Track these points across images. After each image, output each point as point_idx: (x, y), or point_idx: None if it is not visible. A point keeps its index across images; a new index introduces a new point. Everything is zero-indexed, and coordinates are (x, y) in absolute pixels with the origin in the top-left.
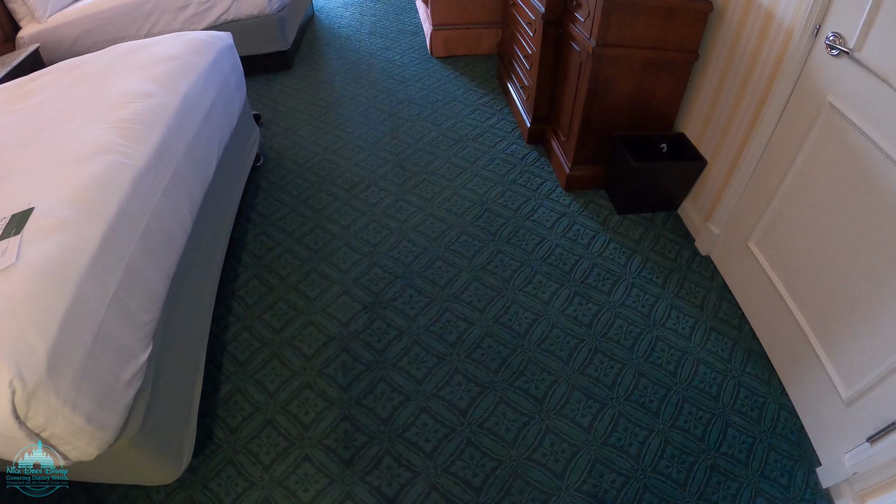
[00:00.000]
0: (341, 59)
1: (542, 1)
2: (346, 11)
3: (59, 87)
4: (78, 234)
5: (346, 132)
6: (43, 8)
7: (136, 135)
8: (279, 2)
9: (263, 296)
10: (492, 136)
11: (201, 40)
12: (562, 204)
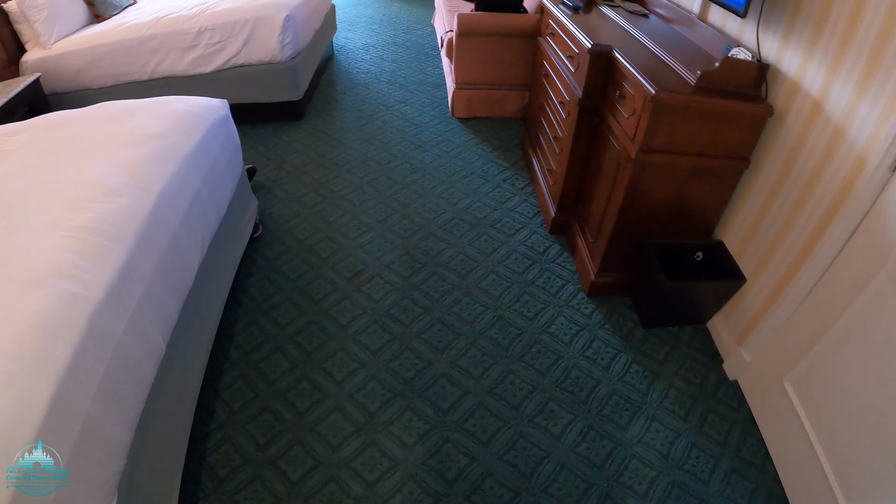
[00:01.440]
0: (356, 112)
1: (579, 82)
2: (367, 54)
3: (32, 155)
4: (21, 399)
5: (353, 204)
6: (48, 33)
7: (97, 252)
8: (292, 49)
9: (249, 402)
10: (512, 221)
11: (190, 114)
12: (583, 313)
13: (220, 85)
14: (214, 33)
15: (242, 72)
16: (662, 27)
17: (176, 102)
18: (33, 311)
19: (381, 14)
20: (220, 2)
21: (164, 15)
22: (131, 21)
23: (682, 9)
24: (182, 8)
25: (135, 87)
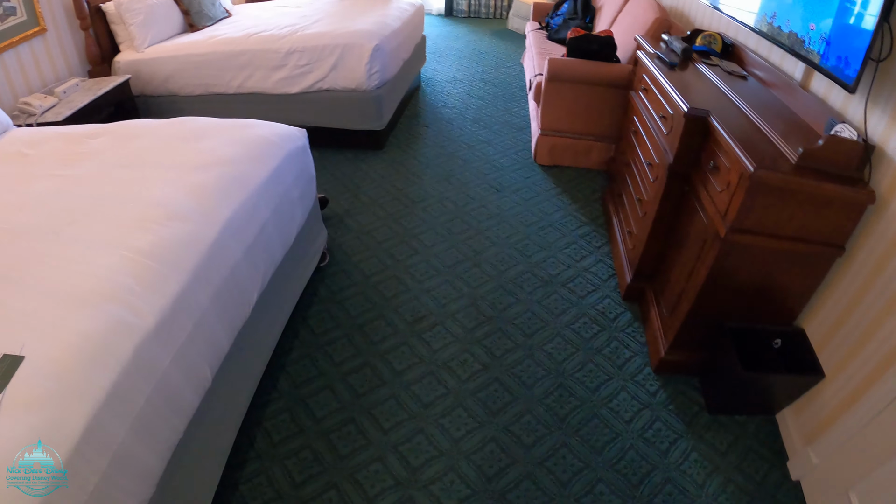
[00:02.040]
0: (437, 148)
1: (671, 146)
2: (454, 88)
3: (105, 162)
4: (57, 422)
5: (425, 245)
6: (143, 37)
7: (153, 279)
8: (379, 79)
9: (291, 436)
10: (584, 282)
11: (267, 141)
12: (647, 391)
13: (303, 106)
14: (303, 55)
15: (327, 96)
16: (761, 91)
17: (254, 128)
18: (80, 331)
19: (472, 48)
20: (312, 25)
21: (256, 32)
22: (224, 35)
23: (783, 73)
24: (274, 27)
25: (221, 98)
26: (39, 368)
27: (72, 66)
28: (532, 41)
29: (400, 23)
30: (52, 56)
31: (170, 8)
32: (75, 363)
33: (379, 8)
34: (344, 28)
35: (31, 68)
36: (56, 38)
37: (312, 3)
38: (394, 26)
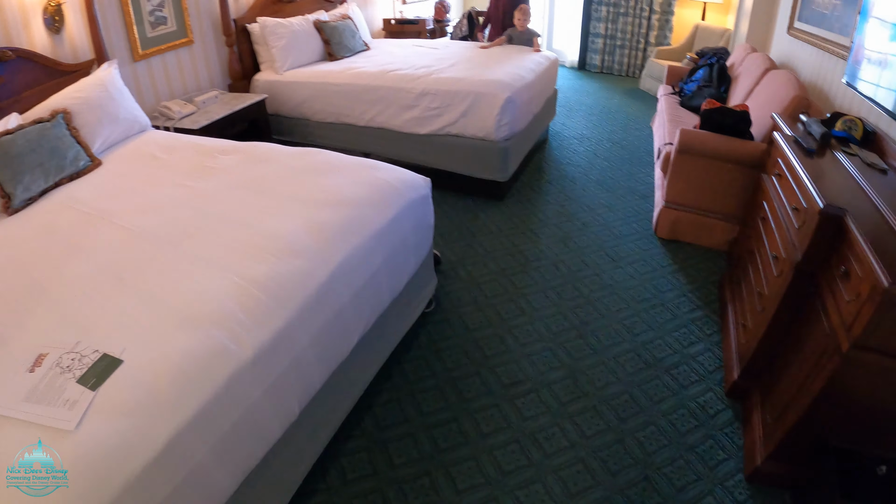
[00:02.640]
0: (558, 206)
1: (800, 242)
2: (581, 146)
3: (232, 181)
4: (142, 432)
5: (532, 307)
6: (283, 60)
7: (260, 311)
8: (508, 130)
9: (364, 477)
10: (689, 371)
11: (390, 187)
12: (735, 499)
13: (429, 148)
14: (435, 98)
15: (454, 141)
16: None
17: (380, 171)
18: (181, 348)
19: (602, 105)
20: (447, 69)
21: (392, 70)
22: (360, 68)
23: None
24: (410, 66)
25: (350, 129)
26: (135, 376)
27: (213, 78)
28: (664, 106)
29: (534, 76)
30: (196, 67)
31: (311, 36)
32: (171, 379)
33: (514, 58)
34: (478, 76)
35: (174, 75)
36: (202, 50)
37: (448, 45)
38: (527, 79)
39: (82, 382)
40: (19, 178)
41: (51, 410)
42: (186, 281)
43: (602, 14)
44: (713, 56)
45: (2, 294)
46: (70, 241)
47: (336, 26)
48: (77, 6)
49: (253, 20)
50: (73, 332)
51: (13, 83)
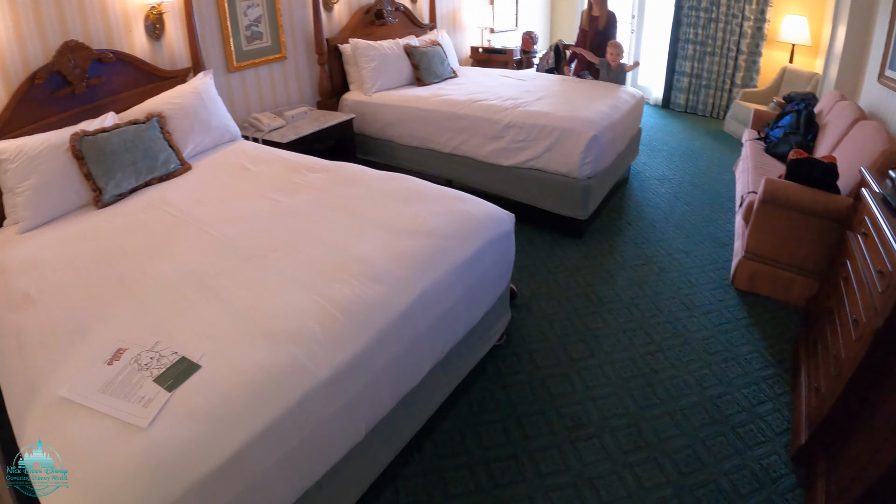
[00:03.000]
0: (635, 248)
1: (883, 308)
2: (662, 187)
3: (319, 200)
4: (211, 438)
5: (602, 350)
6: (372, 82)
7: (339, 333)
8: (591, 169)
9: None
10: (756, 430)
11: (474, 220)
12: None
13: (511, 180)
14: (521, 131)
15: (536, 175)
16: None
17: (465, 203)
18: (259, 361)
19: (685, 147)
20: (534, 102)
21: (480, 99)
22: (448, 95)
23: None
24: (497, 97)
25: (434, 155)
26: (211, 383)
27: (303, 94)
28: (748, 152)
29: (619, 114)
30: (287, 82)
31: (401, 60)
32: (246, 390)
33: (601, 95)
34: (564, 112)
35: (266, 89)
36: (294, 66)
37: (535, 78)
38: (613, 117)
39: (159, 382)
40: (112, 175)
41: (125, 405)
42: (269, 295)
43: (688, 52)
44: (800, 102)
45: (87, 285)
46: (156, 242)
47: (426, 52)
48: (178, 16)
49: (345, 41)
50: (153, 331)
51: (112, 84)
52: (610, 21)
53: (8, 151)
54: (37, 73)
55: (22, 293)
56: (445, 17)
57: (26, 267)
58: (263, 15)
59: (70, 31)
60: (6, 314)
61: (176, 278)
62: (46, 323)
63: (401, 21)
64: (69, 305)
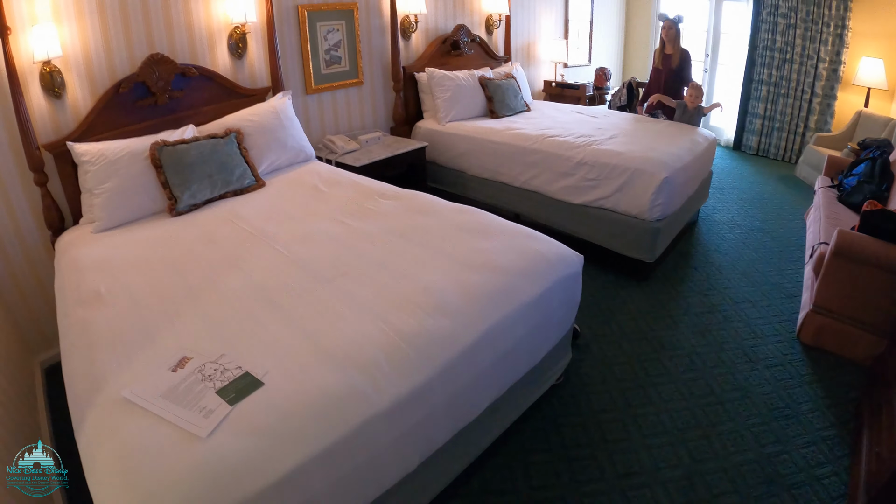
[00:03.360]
0: (700, 295)
1: None
2: (730, 233)
3: (391, 227)
4: (267, 455)
5: (660, 398)
6: (446, 111)
7: (403, 364)
8: (661, 211)
9: None
10: (811, 494)
11: (544, 260)
12: None
13: (579, 218)
14: (592, 170)
15: (604, 215)
16: None
17: (535, 241)
18: (321, 384)
19: (755, 191)
20: (606, 141)
21: (552, 135)
22: (520, 129)
23: None
24: (570, 134)
25: (504, 188)
26: (272, 401)
27: (377, 119)
28: (821, 200)
29: (692, 157)
30: (363, 106)
31: (475, 91)
32: (305, 412)
33: (673, 136)
34: (637, 152)
35: (342, 112)
36: (370, 92)
37: (608, 115)
38: (685, 160)
39: (221, 395)
40: (188, 185)
41: (186, 413)
42: (336, 318)
43: (762, 94)
44: (876, 149)
45: (157, 290)
46: (227, 255)
47: (500, 84)
48: (260, 36)
49: (421, 69)
50: (219, 343)
51: (193, 98)
52: (684, 60)
53: (90, 154)
54: (122, 82)
55: (93, 291)
56: (520, 50)
57: (99, 265)
58: (343, 40)
59: (156, 44)
60: (76, 309)
61: (245, 293)
62: (115, 322)
63: (476, 52)
64: (138, 308)
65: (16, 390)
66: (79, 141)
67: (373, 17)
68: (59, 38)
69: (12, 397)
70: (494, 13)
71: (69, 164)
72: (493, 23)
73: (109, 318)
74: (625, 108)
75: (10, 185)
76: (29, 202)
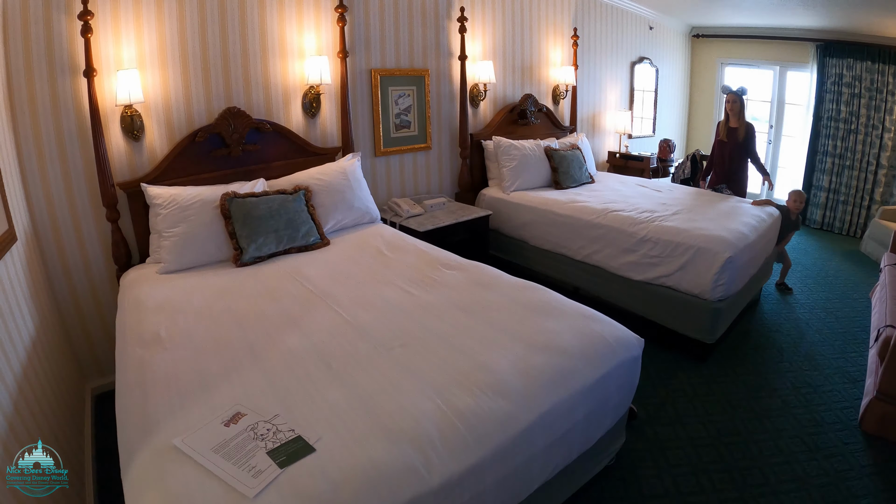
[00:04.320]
0: (760, 378)
1: None
2: (793, 312)
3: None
4: None
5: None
6: (511, 181)
7: (456, 442)
8: (723, 292)
9: None
10: None
11: (605, 343)
12: None
13: (639, 294)
14: (655, 247)
15: (665, 293)
16: None
17: (597, 323)
18: (373, 457)
19: (819, 268)
20: (670, 217)
21: (616, 210)
22: (584, 202)
23: None
24: (633, 208)
25: (565, 261)
26: (324, 468)
27: (443, 184)
28: (887, 278)
29: (757, 235)
30: (429, 171)
31: (541, 161)
32: (356, 483)
33: (738, 212)
34: (701, 229)
35: (409, 175)
36: (437, 157)
37: (672, 190)
38: (750, 238)
39: (272, 456)
40: (254, 238)
41: (235, 471)
42: (392, 389)
43: (826, 166)
44: None
45: (216, 340)
46: (288, 313)
47: (565, 155)
48: (333, 98)
49: (488, 137)
50: (274, 402)
51: (265, 152)
52: (749, 133)
53: (162, 198)
54: (199, 132)
55: (153, 332)
56: (585, 120)
57: (161, 307)
58: (413, 105)
59: (234, 97)
60: (135, 348)
61: (303, 354)
62: (172, 367)
63: (542, 122)
64: (196, 355)
65: (64, 411)
66: (153, 183)
67: (443, 84)
68: (142, 85)
69: (60, 417)
70: (561, 83)
71: (141, 204)
72: (559, 93)
73: (167, 362)
74: (688, 182)
75: (83, 217)
76: (99, 236)
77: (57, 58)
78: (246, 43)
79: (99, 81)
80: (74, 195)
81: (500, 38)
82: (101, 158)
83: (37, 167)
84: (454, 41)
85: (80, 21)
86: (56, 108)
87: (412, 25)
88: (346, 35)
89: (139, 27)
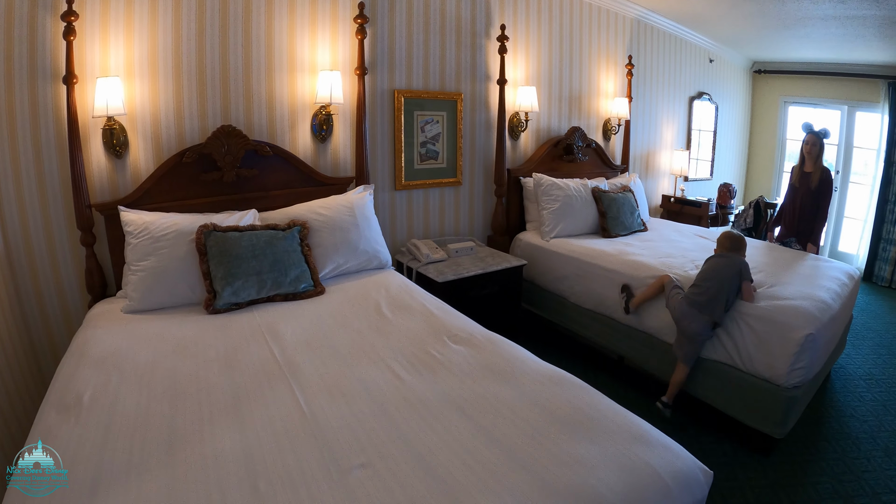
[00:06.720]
0: (833, 479)
1: None
2: (868, 392)
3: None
4: None
5: None
6: (552, 225)
7: None
8: (801, 376)
9: None
10: None
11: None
12: None
13: (695, 372)
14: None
15: (729, 373)
16: None
17: (648, 448)
18: None
19: (893, 334)
20: None
21: (672, 265)
22: (637, 255)
23: None
24: (690, 263)
25: (610, 323)
26: None
27: (473, 225)
28: None
29: (839, 303)
30: (458, 210)
31: (587, 204)
32: None
33: (817, 273)
34: (775, 296)
35: (433, 213)
36: (467, 194)
37: None
38: (833, 308)
39: None
40: (230, 280)
41: None
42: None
43: None
44: None
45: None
46: (237, 391)
47: (616, 198)
48: (348, 120)
49: (528, 173)
50: None
51: (264, 179)
52: (824, 181)
53: (134, 224)
54: (186, 152)
55: (76, 394)
56: (638, 158)
57: (103, 360)
58: (442, 134)
59: (232, 116)
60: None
61: (229, 462)
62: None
63: (591, 159)
64: (104, 440)
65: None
66: (133, 206)
67: (478, 111)
68: (128, 96)
69: None
70: (614, 117)
71: (119, 229)
72: (611, 127)
73: (70, 442)
74: (751, 232)
75: (58, 239)
76: (73, 261)
77: (39, 62)
78: (249, 54)
79: (81, 89)
80: (50, 214)
81: (546, 61)
82: (77, 176)
83: (12, 180)
84: (493, 63)
85: (64, 22)
86: (35, 118)
87: (444, 42)
88: (367, 50)
89: (129, 32)
